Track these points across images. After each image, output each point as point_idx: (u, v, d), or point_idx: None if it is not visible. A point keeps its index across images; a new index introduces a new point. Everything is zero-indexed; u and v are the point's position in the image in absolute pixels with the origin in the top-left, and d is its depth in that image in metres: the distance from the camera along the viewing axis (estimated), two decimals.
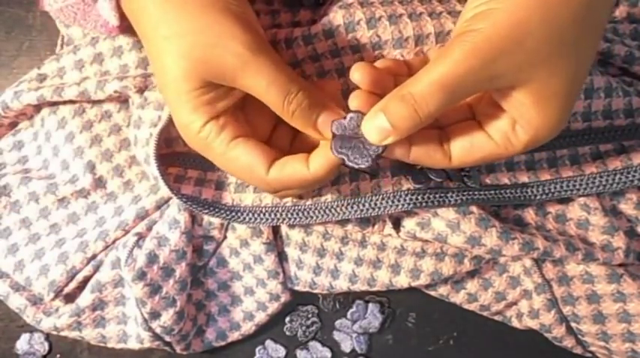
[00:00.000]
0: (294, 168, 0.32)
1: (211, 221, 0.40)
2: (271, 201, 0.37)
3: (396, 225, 0.40)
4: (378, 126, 0.29)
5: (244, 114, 0.34)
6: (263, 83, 0.31)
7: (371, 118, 0.29)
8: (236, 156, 0.32)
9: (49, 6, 0.35)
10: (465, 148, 0.31)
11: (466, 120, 0.32)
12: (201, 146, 0.33)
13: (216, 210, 0.37)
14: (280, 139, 0.35)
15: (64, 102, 0.40)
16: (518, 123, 0.30)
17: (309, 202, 0.37)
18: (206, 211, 0.37)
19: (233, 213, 0.37)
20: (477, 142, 0.31)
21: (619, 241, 0.38)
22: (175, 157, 0.37)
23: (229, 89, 0.32)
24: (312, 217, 0.37)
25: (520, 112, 0.29)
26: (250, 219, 0.37)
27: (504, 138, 0.30)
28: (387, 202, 0.37)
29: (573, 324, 0.40)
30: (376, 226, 0.40)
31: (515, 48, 0.27)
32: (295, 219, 0.37)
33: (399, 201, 0.37)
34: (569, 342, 0.40)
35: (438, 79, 0.28)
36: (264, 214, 0.37)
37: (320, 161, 0.32)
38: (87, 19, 0.35)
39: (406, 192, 0.37)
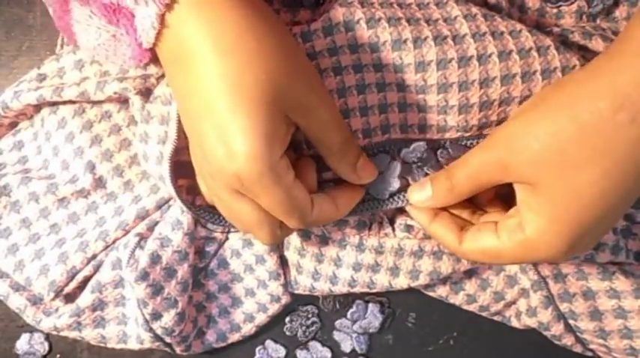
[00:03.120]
0: (330, 211, 0.34)
1: None
2: None
3: (392, 224, 0.40)
4: (423, 190, 0.35)
5: None
6: (331, 124, 0.32)
7: (421, 183, 0.36)
8: (296, 195, 0.32)
9: (83, 46, 0.35)
10: (472, 235, 0.33)
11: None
12: (266, 184, 0.30)
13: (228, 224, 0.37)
14: None
15: (64, 103, 0.40)
16: (521, 222, 0.31)
17: None
18: (221, 224, 0.38)
19: None
20: (483, 231, 0.33)
21: (607, 238, 0.38)
22: (184, 167, 0.37)
23: (290, 126, 0.31)
24: None
25: (523, 209, 0.31)
26: None
27: (504, 232, 0.32)
28: (386, 199, 0.37)
29: (571, 321, 0.40)
30: (373, 229, 0.40)
31: (523, 147, 0.29)
32: None
33: (398, 198, 0.37)
34: (568, 340, 0.40)
35: (467, 166, 0.32)
36: None
37: (348, 202, 0.36)
38: (117, 54, 0.34)
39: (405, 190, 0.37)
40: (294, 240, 0.41)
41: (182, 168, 0.37)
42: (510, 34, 0.35)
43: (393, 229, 0.40)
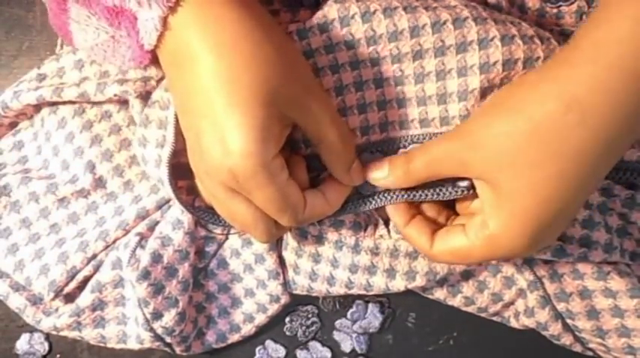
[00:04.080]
0: (321, 206, 0.35)
1: None
2: None
3: (387, 225, 0.40)
4: (380, 170, 0.35)
5: None
6: (328, 122, 0.33)
7: (379, 163, 0.36)
8: (289, 194, 0.33)
9: (79, 45, 0.35)
10: (442, 236, 0.35)
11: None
12: (259, 181, 0.31)
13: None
14: None
15: (64, 103, 0.40)
16: (484, 219, 0.32)
17: None
18: (221, 224, 0.38)
19: None
20: (452, 232, 0.34)
21: (599, 237, 0.38)
22: (183, 169, 0.37)
23: (285, 127, 0.32)
24: None
25: (485, 206, 0.32)
26: None
27: (471, 231, 0.33)
28: (385, 195, 0.37)
29: (569, 321, 0.40)
30: (368, 230, 0.40)
31: (482, 145, 0.31)
32: None
33: (394, 193, 0.37)
34: (567, 339, 0.40)
35: (426, 154, 0.33)
36: None
37: (337, 194, 0.36)
38: (116, 55, 0.34)
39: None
40: (291, 241, 0.41)
41: (182, 170, 0.37)
42: (511, 23, 0.35)
43: (388, 231, 0.40)
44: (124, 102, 0.40)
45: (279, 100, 0.30)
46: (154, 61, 0.33)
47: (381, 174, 0.36)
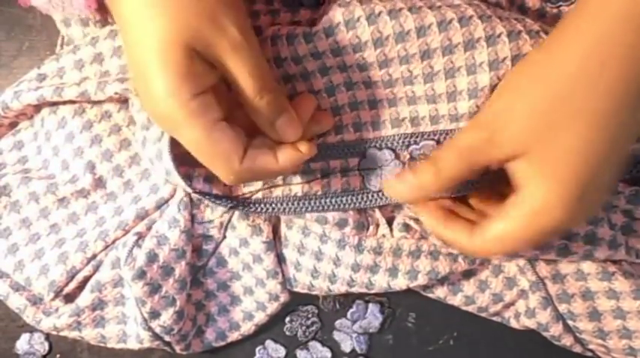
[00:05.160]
0: (265, 161, 0.33)
1: (211, 219, 0.40)
2: (281, 192, 0.38)
3: (390, 224, 0.40)
4: (403, 181, 0.34)
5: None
6: (245, 70, 0.31)
7: (398, 175, 0.35)
8: (218, 139, 0.32)
9: (35, 1, 0.35)
10: (481, 229, 0.33)
11: None
12: (182, 121, 0.31)
13: (229, 201, 0.37)
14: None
15: (64, 102, 0.40)
16: (522, 196, 0.31)
17: (320, 192, 0.38)
18: (219, 202, 0.37)
19: (245, 205, 0.37)
20: (490, 222, 0.33)
21: (604, 233, 0.38)
22: (182, 157, 0.37)
23: (212, 66, 0.32)
24: (323, 206, 0.38)
25: (521, 183, 0.31)
26: (262, 208, 0.37)
27: (510, 213, 0.32)
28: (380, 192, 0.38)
29: (570, 322, 0.40)
30: (370, 230, 0.40)
31: (505, 123, 0.31)
32: (307, 207, 0.38)
33: None
34: (567, 340, 0.40)
35: (454, 147, 0.33)
36: (276, 204, 0.38)
37: (289, 156, 0.34)
38: (73, 4, 0.35)
39: None
40: (293, 238, 0.41)
41: (181, 159, 0.37)
42: (516, 19, 0.35)
43: (391, 230, 0.40)
44: (124, 102, 0.40)
45: (195, 41, 0.30)
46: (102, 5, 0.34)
47: (404, 186, 0.34)
